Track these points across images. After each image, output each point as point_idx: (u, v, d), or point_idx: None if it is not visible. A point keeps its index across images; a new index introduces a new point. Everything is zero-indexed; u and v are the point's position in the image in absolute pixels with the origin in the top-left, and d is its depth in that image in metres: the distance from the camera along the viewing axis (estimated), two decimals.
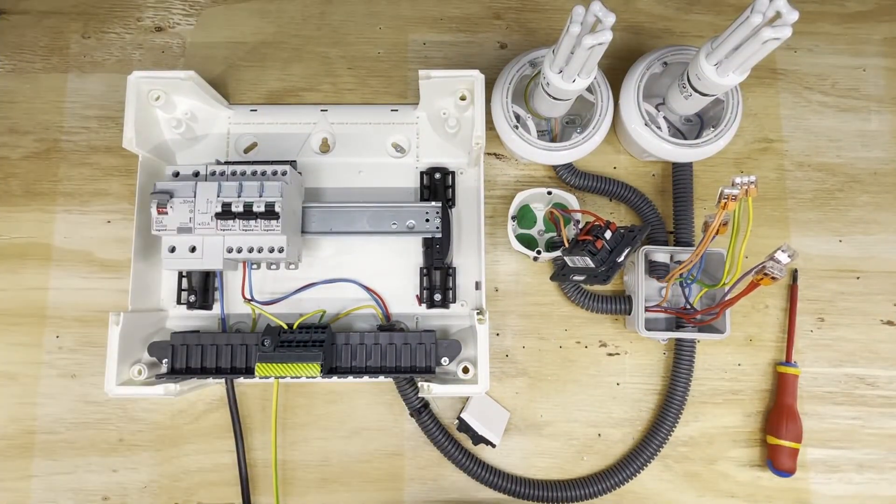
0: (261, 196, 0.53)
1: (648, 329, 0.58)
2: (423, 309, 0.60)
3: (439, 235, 0.58)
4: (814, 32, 0.68)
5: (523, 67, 0.59)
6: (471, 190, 0.62)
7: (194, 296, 0.58)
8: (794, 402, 0.60)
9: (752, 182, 0.46)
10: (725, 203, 0.46)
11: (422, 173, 0.62)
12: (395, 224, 0.58)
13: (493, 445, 0.59)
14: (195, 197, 0.53)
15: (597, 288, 0.63)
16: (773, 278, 0.46)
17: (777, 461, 0.59)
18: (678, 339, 0.60)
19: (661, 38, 0.67)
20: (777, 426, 0.59)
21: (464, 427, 0.59)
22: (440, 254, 0.59)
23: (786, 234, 0.65)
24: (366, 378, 0.57)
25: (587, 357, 0.63)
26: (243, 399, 0.61)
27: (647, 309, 0.58)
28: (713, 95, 0.55)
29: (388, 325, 0.59)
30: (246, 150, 0.63)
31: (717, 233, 0.49)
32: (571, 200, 0.60)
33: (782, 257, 0.45)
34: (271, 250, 0.53)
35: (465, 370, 0.56)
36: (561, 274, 0.58)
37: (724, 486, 0.61)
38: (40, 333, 0.62)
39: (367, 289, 0.60)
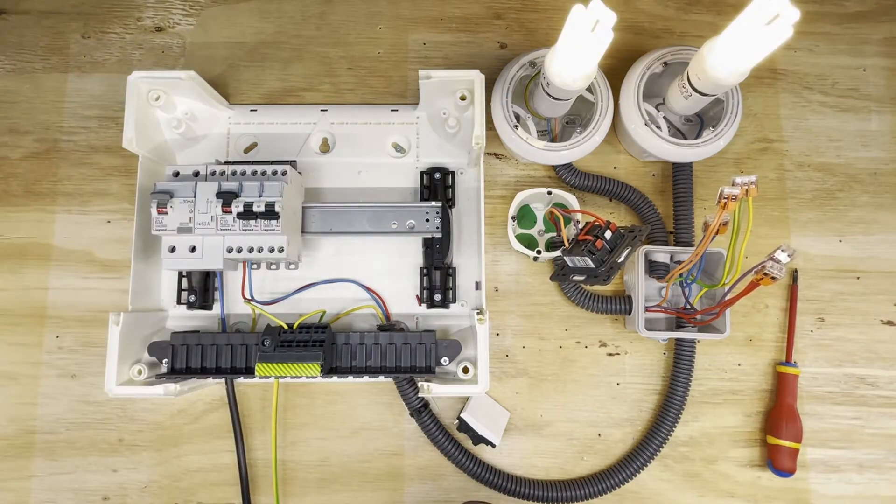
0: (261, 196, 0.53)
1: (648, 329, 0.58)
2: (423, 309, 0.60)
3: (439, 235, 0.58)
4: (814, 32, 0.68)
5: (523, 67, 0.59)
6: (471, 190, 0.62)
7: (194, 296, 0.58)
8: (794, 402, 0.61)
9: (752, 182, 0.46)
10: (725, 203, 0.46)
11: (422, 173, 0.62)
12: (395, 224, 0.58)
13: (493, 445, 0.59)
14: (195, 197, 0.53)
15: (597, 288, 0.63)
16: (772, 278, 0.46)
17: (777, 461, 0.59)
18: (678, 339, 0.60)
19: (661, 38, 0.67)
20: (777, 426, 0.59)
21: (464, 427, 0.59)
22: (440, 254, 0.59)
23: (786, 234, 0.65)
24: (366, 378, 0.57)
25: (587, 357, 0.63)
26: (243, 399, 0.61)
27: (647, 309, 0.58)
28: (713, 95, 0.55)
29: (388, 325, 0.59)
30: (246, 150, 0.63)
31: (717, 233, 0.49)
32: (571, 200, 0.60)
33: (782, 257, 0.45)
34: (271, 250, 0.53)
35: (465, 370, 0.56)
36: (561, 274, 0.58)
37: (724, 486, 0.61)
38: (40, 333, 0.62)
39: (367, 289, 0.60)
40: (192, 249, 0.53)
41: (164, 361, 0.56)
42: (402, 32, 0.67)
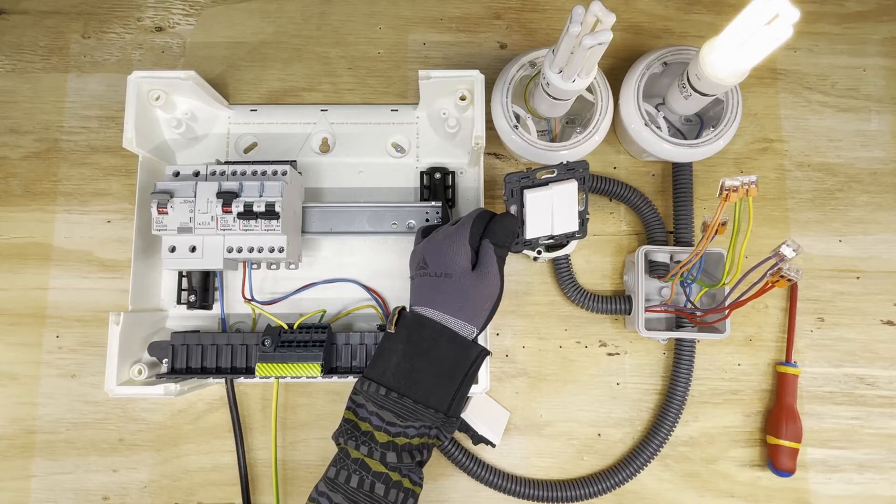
0: (261, 196, 0.53)
1: (648, 329, 0.58)
2: None
3: None
4: (814, 32, 0.68)
5: (523, 67, 0.59)
6: (471, 190, 0.62)
7: (194, 296, 0.58)
8: (794, 402, 0.61)
9: (752, 182, 0.46)
10: (727, 195, 0.46)
11: (422, 173, 0.62)
12: (395, 224, 0.58)
13: (493, 445, 0.59)
14: (195, 197, 0.53)
15: (597, 288, 0.63)
16: (788, 280, 0.46)
17: (777, 461, 0.59)
18: (678, 339, 0.60)
19: (661, 38, 0.67)
20: (777, 426, 0.59)
21: (464, 427, 0.59)
22: None
23: (786, 234, 0.65)
24: None
25: (587, 357, 0.63)
26: (243, 399, 0.61)
27: (647, 309, 0.58)
28: (713, 95, 0.55)
29: None
30: (246, 150, 0.63)
31: (716, 232, 0.49)
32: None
33: (788, 252, 0.45)
34: (272, 250, 0.53)
35: None
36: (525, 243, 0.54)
37: (724, 486, 0.61)
38: (40, 333, 0.62)
39: (368, 288, 0.60)
40: (193, 249, 0.53)
41: (164, 361, 0.56)
42: (402, 32, 0.67)
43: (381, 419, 0.43)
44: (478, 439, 0.59)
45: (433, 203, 0.58)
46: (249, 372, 0.55)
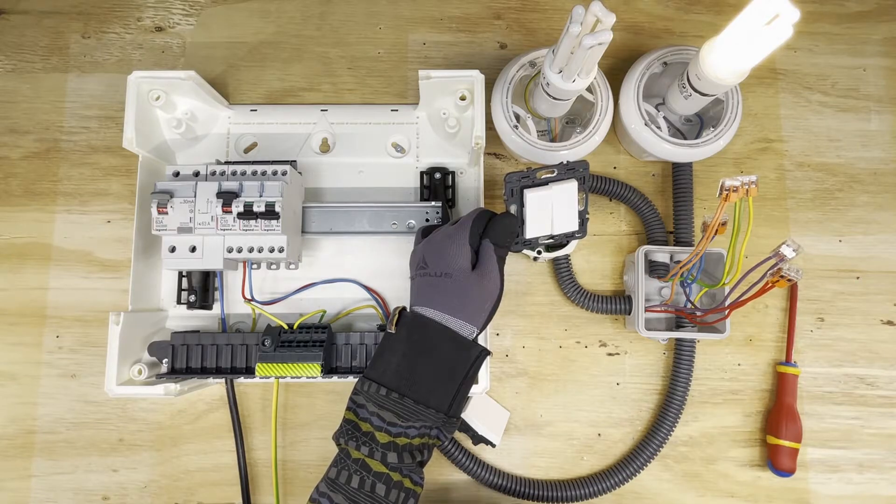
0: (261, 196, 0.53)
1: (648, 329, 0.58)
2: None
3: None
4: (814, 32, 0.68)
5: (523, 67, 0.59)
6: (471, 190, 0.62)
7: (194, 296, 0.58)
8: (793, 402, 0.61)
9: (752, 182, 0.46)
10: (727, 195, 0.46)
11: (422, 173, 0.62)
12: (395, 224, 0.58)
13: (493, 445, 0.59)
14: (195, 197, 0.53)
15: (597, 288, 0.63)
16: (788, 280, 0.46)
17: (777, 461, 0.59)
18: (678, 339, 0.60)
19: (661, 38, 0.67)
20: (777, 426, 0.59)
21: (464, 427, 0.59)
22: None
23: (786, 234, 0.65)
24: None
25: (587, 357, 0.63)
26: (243, 399, 0.61)
27: (647, 309, 0.58)
28: (713, 95, 0.55)
29: None
30: (246, 150, 0.63)
31: (716, 232, 0.49)
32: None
33: (788, 252, 0.45)
34: (271, 250, 0.53)
35: None
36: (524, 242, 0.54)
37: (724, 486, 0.61)
38: (40, 333, 0.62)
39: (368, 288, 0.60)
40: (193, 249, 0.53)
41: (164, 361, 0.56)
42: (402, 32, 0.67)
43: (381, 419, 0.43)
44: (478, 439, 0.59)
45: (433, 203, 0.58)
46: (249, 372, 0.55)
